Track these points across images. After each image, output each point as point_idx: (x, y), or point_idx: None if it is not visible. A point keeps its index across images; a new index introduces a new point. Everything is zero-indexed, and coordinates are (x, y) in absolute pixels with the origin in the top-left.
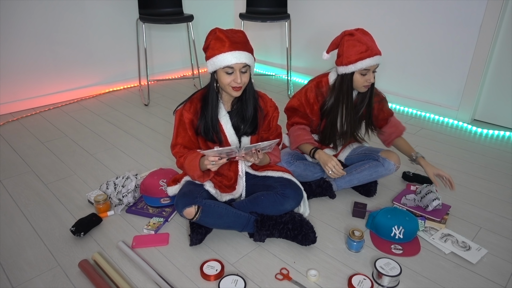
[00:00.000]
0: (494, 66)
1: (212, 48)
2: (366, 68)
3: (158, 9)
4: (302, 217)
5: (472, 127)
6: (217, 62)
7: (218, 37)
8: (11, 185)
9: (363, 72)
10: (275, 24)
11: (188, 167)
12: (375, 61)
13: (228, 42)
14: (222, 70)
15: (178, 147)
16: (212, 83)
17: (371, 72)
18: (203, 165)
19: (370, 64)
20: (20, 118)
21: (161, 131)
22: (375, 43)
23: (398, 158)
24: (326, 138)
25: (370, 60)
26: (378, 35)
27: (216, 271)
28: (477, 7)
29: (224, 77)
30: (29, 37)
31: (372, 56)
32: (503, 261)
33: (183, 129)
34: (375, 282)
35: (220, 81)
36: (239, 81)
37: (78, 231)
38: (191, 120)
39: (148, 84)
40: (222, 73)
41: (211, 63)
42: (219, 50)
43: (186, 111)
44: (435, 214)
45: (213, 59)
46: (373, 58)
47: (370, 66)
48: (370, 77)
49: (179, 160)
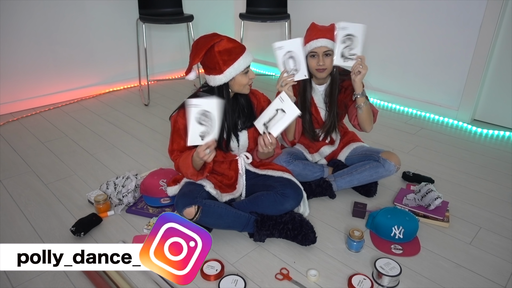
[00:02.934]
0: (494, 66)
1: (228, 56)
2: (312, 50)
3: (158, 9)
4: (302, 217)
5: (472, 127)
6: (240, 66)
7: (227, 50)
8: (11, 185)
9: (313, 54)
10: (275, 24)
11: (182, 166)
12: (320, 43)
13: (238, 46)
14: (241, 73)
15: (175, 153)
16: (226, 94)
17: (321, 56)
18: (195, 162)
19: (315, 46)
20: (20, 118)
21: (161, 131)
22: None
23: (398, 159)
24: (305, 130)
25: (315, 42)
26: (378, 35)
27: (216, 271)
28: (477, 7)
29: (243, 78)
30: (29, 37)
31: (317, 38)
32: (503, 261)
33: (178, 135)
34: (375, 282)
35: (237, 85)
36: (253, 75)
37: (78, 231)
38: (186, 126)
39: (148, 84)
40: (240, 76)
41: (230, 72)
42: (236, 56)
43: (181, 118)
44: (437, 213)
45: (234, 66)
46: (318, 40)
47: (316, 47)
48: (320, 60)
49: (176, 162)
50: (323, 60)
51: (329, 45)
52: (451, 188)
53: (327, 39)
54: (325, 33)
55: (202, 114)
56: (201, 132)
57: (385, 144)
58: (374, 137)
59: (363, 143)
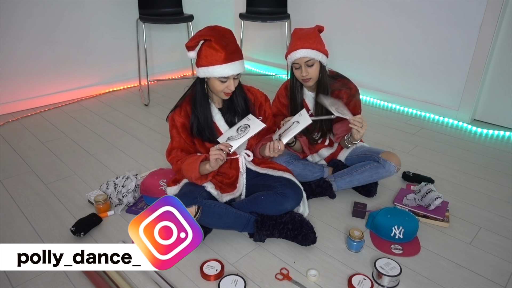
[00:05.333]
0: (494, 66)
1: (206, 57)
2: (294, 61)
3: (158, 9)
4: (302, 217)
5: (472, 127)
6: (213, 72)
7: (212, 47)
8: (11, 185)
9: (296, 66)
10: (275, 24)
11: (187, 169)
12: (300, 54)
13: (224, 53)
14: (216, 78)
15: (175, 151)
16: (201, 88)
17: (304, 66)
18: (203, 168)
19: (295, 57)
20: (20, 118)
21: (161, 131)
22: (308, 37)
23: (398, 160)
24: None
25: (294, 53)
26: (378, 35)
27: (216, 271)
28: (477, 7)
29: (217, 85)
30: (29, 37)
31: (296, 49)
32: (503, 261)
33: (177, 132)
34: (375, 282)
35: (212, 87)
36: (233, 88)
37: (78, 231)
38: (183, 123)
39: (148, 84)
40: (215, 81)
41: (204, 71)
42: (216, 61)
43: (177, 115)
44: (437, 213)
45: (208, 68)
46: (297, 51)
47: (296, 59)
48: (303, 71)
49: (177, 164)
50: (306, 71)
51: (308, 55)
52: (451, 188)
53: (306, 49)
54: (303, 42)
55: (244, 126)
56: (231, 137)
57: (385, 144)
58: (374, 137)
59: (363, 143)
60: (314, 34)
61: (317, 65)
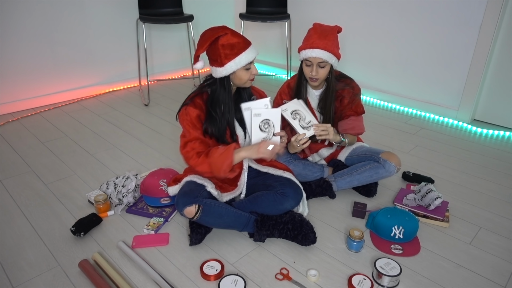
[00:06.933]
0: (494, 66)
1: (231, 49)
2: (307, 58)
3: (158, 9)
4: (302, 217)
5: (472, 127)
6: (240, 61)
7: (231, 39)
8: (11, 185)
9: (307, 63)
10: (275, 24)
11: (219, 158)
12: (316, 53)
13: (243, 39)
14: (242, 68)
15: (191, 143)
16: (226, 86)
17: (315, 66)
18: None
19: (310, 55)
20: (20, 118)
21: (161, 131)
22: (328, 38)
23: (398, 160)
24: None
25: (310, 51)
26: (378, 35)
27: (216, 271)
28: (477, 7)
29: (243, 74)
30: (29, 37)
31: (313, 48)
32: (503, 261)
33: (192, 124)
34: (375, 282)
35: (238, 79)
36: (256, 71)
37: (78, 231)
38: (198, 115)
39: (148, 84)
40: (241, 71)
41: (231, 66)
42: (241, 49)
43: (191, 108)
44: (437, 213)
45: (235, 60)
46: (314, 51)
47: (310, 58)
48: (313, 70)
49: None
50: (316, 71)
51: (324, 56)
52: (451, 188)
53: (323, 51)
54: (321, 41)
55: (264, 122)
56: (263, 138)
57: (385, 144)
58: (374, 137)
59: (363, 143)
60: (333, 35)
61: (328, 67)
